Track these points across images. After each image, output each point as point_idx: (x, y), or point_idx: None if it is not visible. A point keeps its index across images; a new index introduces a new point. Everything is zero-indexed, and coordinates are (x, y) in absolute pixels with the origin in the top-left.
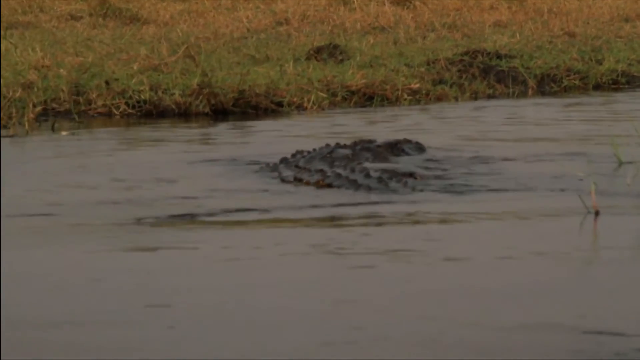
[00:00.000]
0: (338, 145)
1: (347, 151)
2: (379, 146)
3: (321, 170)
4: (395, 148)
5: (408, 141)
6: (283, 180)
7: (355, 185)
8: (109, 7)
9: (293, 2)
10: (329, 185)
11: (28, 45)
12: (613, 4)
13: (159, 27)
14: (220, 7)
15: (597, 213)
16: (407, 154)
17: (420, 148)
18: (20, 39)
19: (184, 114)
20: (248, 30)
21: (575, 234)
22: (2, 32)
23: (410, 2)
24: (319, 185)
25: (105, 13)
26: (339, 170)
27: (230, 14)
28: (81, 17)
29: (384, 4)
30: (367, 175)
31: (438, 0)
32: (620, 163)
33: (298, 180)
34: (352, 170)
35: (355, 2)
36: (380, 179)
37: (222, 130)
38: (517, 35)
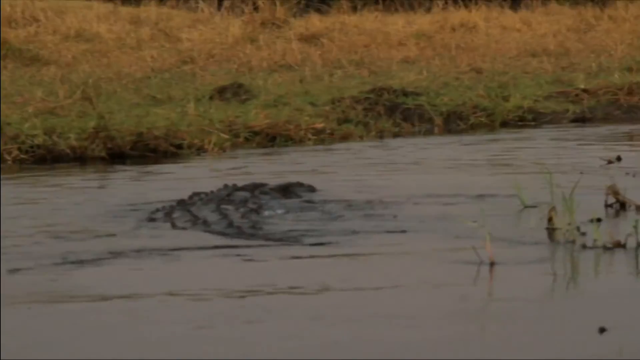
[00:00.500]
0: (235, 188)
1: (245, 194)
2: (271, 189)
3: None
4: (286, 191)
5: (300, 184)
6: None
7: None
8: (8, 47)
9: (199, 41)
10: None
11: None
12: (520, 39)
13: (60, 68)
14: (125, 47)
15: (492, 263)
16: (299, 196)
17: (311, 190)
18: None
19: (79, 159)
20: (152, 69)
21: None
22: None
23: (318, 39)
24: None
25: (5, 54)
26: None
27: (135, 53)
28: None
29: (291, 41)
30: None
31: (346, 37)
32: (525, 206)
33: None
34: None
35: (261, 39)
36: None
37: (118, 175)
38: (424, 71)
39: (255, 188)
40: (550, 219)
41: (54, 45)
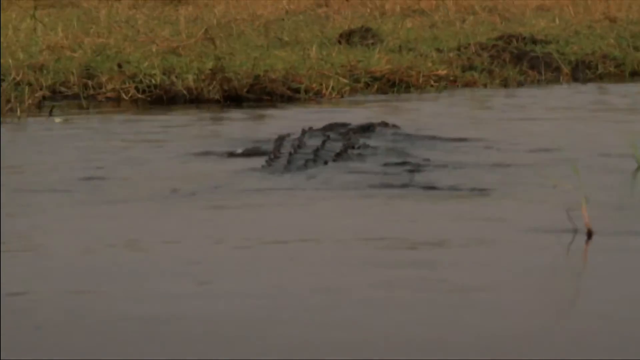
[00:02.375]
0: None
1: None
2: (350, 129)
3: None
4: (367, 129)
5: (385, 124)
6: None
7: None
8: None
9: None
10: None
11: (56, 25)
12: None
13: (198, 8)
14: None
15: (589, 233)
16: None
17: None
18: (53, 18)
19: (195, 100)
20: (287, 12)
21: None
22: (32, 12)
23: None
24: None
25: None
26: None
27: None
28: None
29: None
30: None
31: None
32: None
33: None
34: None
35: None
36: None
37: (232, 116)
38: (557, 19)
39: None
40: None
41: None
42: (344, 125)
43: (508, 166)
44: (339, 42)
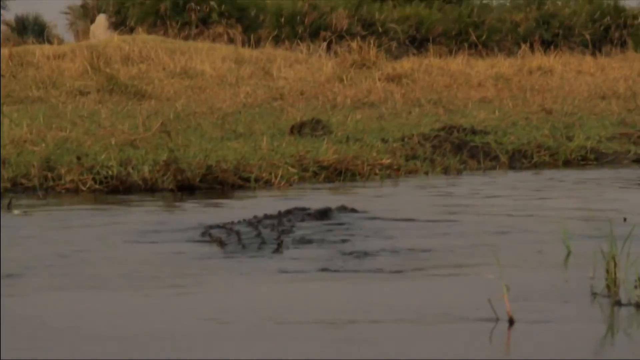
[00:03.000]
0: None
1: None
2: (309, 213)
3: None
4: (325, 214)
5: (343, 208)
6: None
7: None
8: (116, 83)
9: (294, 79)
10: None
11: (22, 121)
12: (593, 82)
13: (160, 102)
14: (224, 83)
15: (511, 321)
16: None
17: (353, 212)
18: (21, 113)
19: (150, 190)
20: (244, 105)
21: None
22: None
23: (402, 79)
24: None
25: (111, 89)
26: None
27: (232, 90)
28: (89, 93)
29: (377, 81)
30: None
31: (429, 77)
32: (568, 252)
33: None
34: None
35: (349, 78)
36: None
37: (185, 204)
38: (497, 111)
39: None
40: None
41: (159, 81)
42: (303, 210)
43: (440, 250)
44: (291, 133)
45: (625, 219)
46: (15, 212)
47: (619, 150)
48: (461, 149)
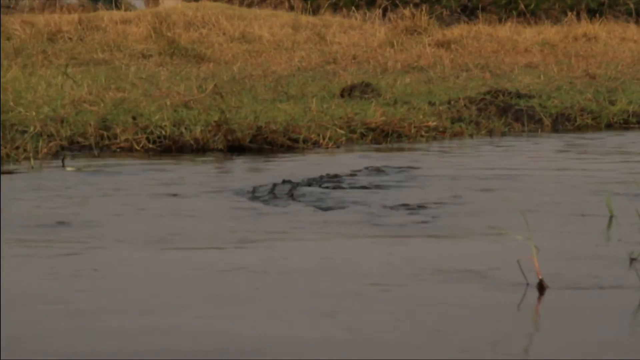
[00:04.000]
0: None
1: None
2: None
3: None
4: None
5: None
6: None
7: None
8: (177, 46)
9: (347, 44)
10: None
11: (83, 82)
12: (636, 49)
13: (218, 65)
14: (280, 48)
15: (541, 285)
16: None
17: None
18: (85, 75)
19: (201, 150)
20: (298, 68)
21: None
22: (63, 69)
23: (451, 45)
24: None
25: (172, 52)
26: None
27: (288, 54)
28: (151, 56)
29: (426, 46)
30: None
31: (478, 43)
32: (611, 216)
33: None
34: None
35: (400, 44)
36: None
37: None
38: (542, 76)
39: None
40: None
41: (219, 45)
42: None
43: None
44: (342, 96)
45: None
46: (69, 168)
47: None
48: (506, 112)
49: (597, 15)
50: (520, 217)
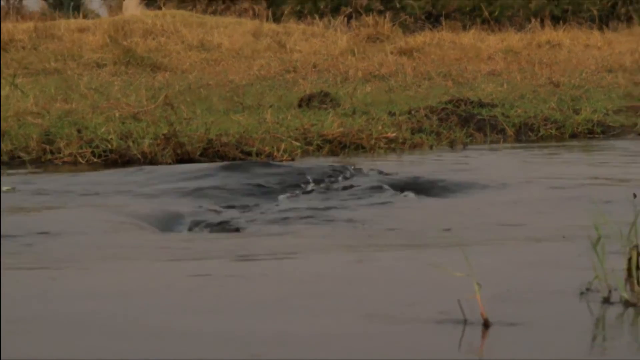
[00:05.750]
0: None
1: None
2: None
3: None
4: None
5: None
6: None
7: None
8: (132, 55)
9: (308, 52)
10: None
11: (31, 92)
12: (600, 56)
13: (175, 75)
14: (239, 56)
15: (485, 324)
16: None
17: None
18: (32, 86)
19: (149, 164)
20: (257, 77)
21: None
22: (11, 80)
23: (414, 53)
24: None
25: (128, 61)
26: None
27: (247, 62)
28: (105, 65)
29: (390, 54)
30: None
31: (441, 51)
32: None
33: None
34: None
35: (362, 52)
36: None
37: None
38: (505, 84)
39: None
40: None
41: (177, 54)
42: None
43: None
44: (300, 106)
45: (635, 196)
46: (4, 188)
47: (625, 124)
48: (468, 121)
49: (561, 22)
50: None
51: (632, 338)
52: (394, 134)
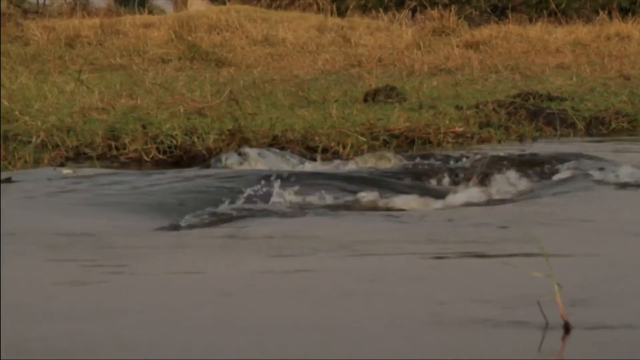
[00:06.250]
0: None
1: None
2: None
3: None
4: None
5: None
6: None
7: None
8: (197, 50)
9: (373, 46)
10: None
11: (96, 88)
12: None
13: (240, 70)
14: (304, 51)
15: (566, 327)
16: None
17: None
18: (98, 82)
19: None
20: (322, 72)
21: None
22: (77, 75)
23: (480, 46)
24: None
25: (192, 56)
26: None
27: (311, 57)
28: (170, 60)
29: (455, 47)
30: None
31: (507, 44)
32: None
33: None
34: None
35: (428, 45)
36: None
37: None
38: (574, 77)
39: None
40: None
41: (241, 49)
42: None
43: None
44: (365, 101)
45: None
46: (65, 171)
47: None
48: (537, 115)
49: (630, 14)
50: None
51: None
52: (461, 129)
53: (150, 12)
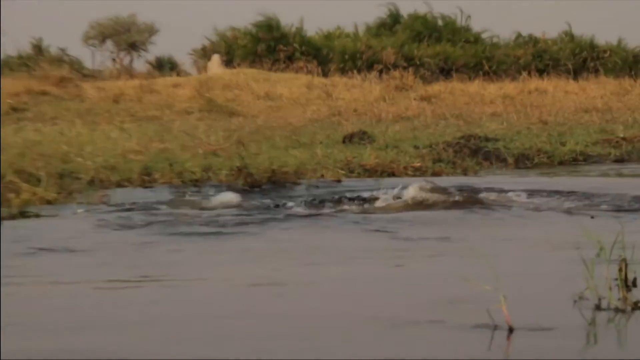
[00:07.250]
0: None
1: None
2: None
3: None
4: None
5: None
6: None
7: None
8: (214, 104)
9: (349, 99)
10: None
11: (134, 135)
12: (577, 100)
13: (246, 119)
14: (296, 104)
15: (510, 330)
16: None
17: None
18: (136, 130)
19: (227, 189)
20: (310, 120)
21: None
22: (119, 125)
23: (432, 99)
24: None
25: (210, 109)
26: None
27: (302, 108)
28: (193, 112)
29: (413, 100)
30: None
31: (453, 97)
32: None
33: None
34: None
35: (391, 98)
36: None
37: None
38: (504, 122)
39: None
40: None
41: (248, 103)
42: None
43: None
44: (344, 142)
45: (592, 217)
46: (79, 210)
47: (602, 153)
48: (477, 153)
49: (545, 73)
50: None
51: None
52: (419, 164)
53: (178, 75)
